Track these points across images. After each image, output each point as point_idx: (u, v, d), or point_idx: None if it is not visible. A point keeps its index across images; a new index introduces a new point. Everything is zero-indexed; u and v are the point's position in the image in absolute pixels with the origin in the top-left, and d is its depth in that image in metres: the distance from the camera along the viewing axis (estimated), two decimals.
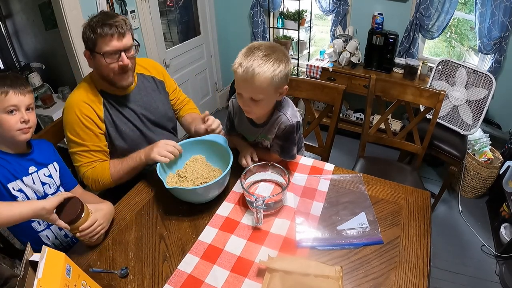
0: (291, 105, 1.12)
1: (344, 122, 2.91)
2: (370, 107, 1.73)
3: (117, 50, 1.09)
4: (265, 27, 3.05)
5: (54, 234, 1.11)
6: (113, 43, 1.07)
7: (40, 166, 1.06)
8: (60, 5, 1.84)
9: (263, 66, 0.92)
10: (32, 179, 1.03)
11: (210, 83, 3.39)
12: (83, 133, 1.15)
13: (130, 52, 1.14)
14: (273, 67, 0.93)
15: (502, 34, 2.15)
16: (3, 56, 2.63)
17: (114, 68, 1.12)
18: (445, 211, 2.24)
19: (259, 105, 1.00)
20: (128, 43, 1.11)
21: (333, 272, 0.77)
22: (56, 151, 1.17)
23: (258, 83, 0.93)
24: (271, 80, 0.94)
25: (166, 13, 2.83)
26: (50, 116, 2.23)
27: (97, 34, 1.06)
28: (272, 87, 0.96)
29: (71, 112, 1.15)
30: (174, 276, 0.84)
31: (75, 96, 1.17)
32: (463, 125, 2.09)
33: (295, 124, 1.07)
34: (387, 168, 1.83)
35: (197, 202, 1.06)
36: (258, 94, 0.96)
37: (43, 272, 0.61)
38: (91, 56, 1.13)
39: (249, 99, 0.98)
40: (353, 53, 2.62)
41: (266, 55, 0.93)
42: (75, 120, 1.14)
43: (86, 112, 1.15)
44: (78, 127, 1.15)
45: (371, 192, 1.09)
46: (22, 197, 1.01)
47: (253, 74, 0.92)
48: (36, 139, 1.11)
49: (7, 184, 0.98)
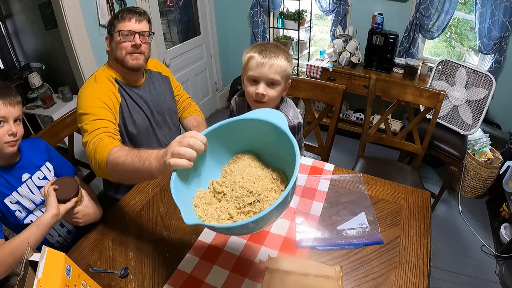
0: (293, 106, 1.13)
1: (344, 122, 2.91)
2: (370, 107, 1.73)
3: (133, 31, 1.18)
4: (265, 27, 3.05)
5: (57, 232, 1.11)
6: (130, 24, 1.18)
7: (33, 170, 1.05)
8: (60, 5, 1.84)
9: (279, 52, 1.04)
10: (27, 187, 1.02)
11: (210, 83, 3.39)
12: (98, 107, 1.09)
13: (145, 37, 1.23)
14: (285, 55, 1.05)
15: (502, 34, 2.15)
16: (3, 56, 2.63)
17: (127, 47, 1.19)
18: (445, 211, 2.24)
19: (275, 91, 1.06)
20: (144, 28, 1.22)
21: (333, 272, 0.77)
22: (49, 146, 1.15)
23: (278, 63, 1.02)
24: (286, 65, 1.04)
25: (166, 13, 2.83)
26: (50, 116, 2.22)
27: (118, 18, 1.18)
28: (286, 73, 1.05)
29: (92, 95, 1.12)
30: (174, 276, 0.84)
31: (95, 82, 1.20)
32: (463, 125, 2.09)
33: (297, 125, 1.09)
34: (387, 168, 1.83)
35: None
36: (276, 75, 1.03)
37: (43, 272, 0.60)
38: (109, 38, 1.22)
39: (265, 84, 1.05)
40: (353, 53, 2.62)
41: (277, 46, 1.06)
42: (94, 101, 1.10)
43: (106, 90, 1.18)
44: (94, 105, 1.09)
45: (371, 192, 1.09)
46: (20, 209, 1.00)
47: (272, 57, 1.02)
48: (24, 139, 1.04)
49: (4, 199, 0.97)
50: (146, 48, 1.24)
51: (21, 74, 2.43)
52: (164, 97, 1.38)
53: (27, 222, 1.03)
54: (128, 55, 1.19)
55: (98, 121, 1.06)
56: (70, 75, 2.19)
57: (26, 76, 2.35)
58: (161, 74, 1.42)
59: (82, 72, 2.04)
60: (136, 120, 1.27)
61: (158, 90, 1.37)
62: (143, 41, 1.21)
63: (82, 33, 1.97)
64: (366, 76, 2.55)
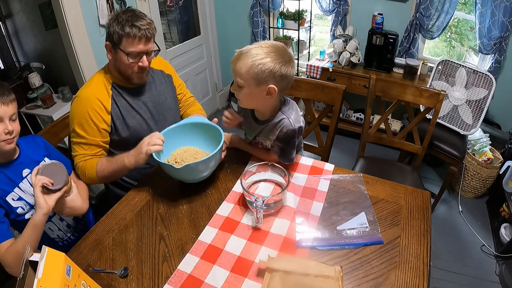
0: (296, 109, 1.12)
1: (344, 122, 2.91)
2: (370, 107, 1.73)
3: (141, 52, 1.14)
4: (265, 27, 3.05)
5: (56, 225, 1.12)
6: (139, 45, 1.13)
7: (33, 165, 1.04)
8: (60, 5, 1.84)
9: (248, 54, 0.96)
10: (28, 182, 1.03)
11: (210, 83, 3.39)
12: (88, 126, 1.17)
13: (151, 55, 1.20)
14: (256, 57, 0.95)
15: (502, 34, 2.15)
16: (3, 56, 2.63)
17: (134, 67, 1.17)
18: (445, 211, 2.24)
19: (242, 93, 1.02)
20: (151, 47, 1.18)
21: (333, 272, 0.77)
22: (47, 143, 1.17)
23: (238, 66, 0.97)
24: (250, 68, 0.95)
25: (166, 13, 2.83)
26: (50, 116, 2.23)
27: (124, 32, 1.10)
28: (250, 75, 0.96)
29: (82, 106, 1.17)
30: (174, 276, 0.84)
31: (88, 90, 1.19)
32: (463, 125, 2.09)
33: (297, 129, 1.08)
34: (387, 168, 1.83)
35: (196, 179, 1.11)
36: (238, 78, 1.00)
37: (43, 272, 0.61)
38: (112, 50, 1.16)
39: (236, 84, 1.02)
40: (353, 53, 2.62)
41: (260, 47, 0.97)
42: (84, 114, 1.16)
43: (95, 107, 1.17)
44: (84, 121, 1.17)
45: (371, 192, 1.09)
46: (22, 205, 1.01)
47: (238, 59, 0.98)
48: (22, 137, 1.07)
49: (6, 197, 0.97)
50: (150, 63, 1.23)
51: (21, 74, 2.43)
52: (165, 97, 1.37)
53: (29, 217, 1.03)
54: (135, 73, 1.19)
55: (87, 146, 1.19)
56: (70, 75, 2.19)
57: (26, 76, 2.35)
58: (163, 73, 1.41)
59: (82, 72, 2.04)
60: (130, 124, 1.25)
61: (159, 89, 1.36)
62: (149, 59, 1.20)
63: (82, 33, 1.97)
64: (366, 76, 2.55)
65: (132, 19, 1.10)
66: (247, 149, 1.27)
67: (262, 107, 1.10)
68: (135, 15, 1.12)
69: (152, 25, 1.16)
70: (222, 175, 1.20)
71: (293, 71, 1.01)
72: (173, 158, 1.15)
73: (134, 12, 1.13)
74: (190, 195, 1.11)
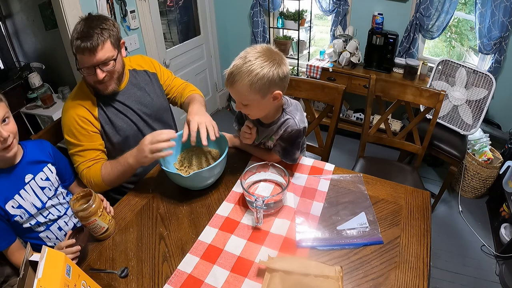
0: (300, 109, 1.12)
1: (344, 122, 2.91)
2: (370, 107, 1.73)
3: (91, 65, 1.07)
4: (265, 27, 3.05)
5: (54, 234, 1.11)
6: (85, 59, 1.05)
7: (36, 171, 1.04)
8: (60, 5, 1.84)
9: (241, 72, 0.93)
10: (31, 188, 1.02)
11: (210, 83, 3.39)
12: (79, 134, 1.17)
13: (108, 65, 1.10)
14: (251, 74, 0.92)
15: (502, 34, 2.15)
16: (3, 56, 2.63)
17: (94, 80, 1.13)
18: (445, 211, 2.24)
19: (250, 108, 1.02)
20: (103, 57, 1.06)
21: (333, 272, 0.77)
22: (55, 149, 1.17)
23: (236, 89, 0.96)
24: (250, 87, 0.93)
25: (166, 13, 2.83)
26: (50, 116, 2.23)
27: (74, 47, 1.05)
28: (254, 92, 0.94)
29: (68, 115, 1.17)
30: (174, 276, 0.84)
31: (73, 100, 1.19)
32: (463, 125, 2.09)
33: (302, 129, 1.08)
34: (387, 168, 1.83)
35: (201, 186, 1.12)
36: (242, 100, 0.99)
37: (43, 272, 0.61)
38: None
39: (240, 103, 1.01)
40: (353, 53, 2.62)
41: (249, 61, 0.93)
42: (72, 122, 1.16)
43: (81, 113, 1.17)
44: (74, 128, 1.16)
45: (371, 192, 1.09)
46: (21, 213, 0.99)
47: (233, 81, 0.95)
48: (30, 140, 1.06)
49: (5, 205, 0.95)
50: (114, 70, 1.14)
51: (21, 74, 2.43)
52: (151, 98, 1.33)
53: (26, 226, 1.03)
54: (97, 85, 1.14)
55: (84, 152, 1.18)
56: (70, 75, 2.20)
57: (26, 76, 2.35)
58: (147, 72, 1.35)
59: None
60: (120, 127, 1.24)
61: (143, 91, 1.31)
62: (107, 69, 1.10)
63: None
64: (366, 76, 2.55)
65: (82, 30, 1.03)
66: (247, 148, 1.27)
67: (270, 112, 1.09)
68: (86, 23, 1.05)
69: (104, 30, 1.06)
70: (222, 175, 1.20)
71: (287, 67, 1.00)
72: (179, 162, 1.16)
73: (86, 21, 1.06)
74: (190, 195, 1.11)
